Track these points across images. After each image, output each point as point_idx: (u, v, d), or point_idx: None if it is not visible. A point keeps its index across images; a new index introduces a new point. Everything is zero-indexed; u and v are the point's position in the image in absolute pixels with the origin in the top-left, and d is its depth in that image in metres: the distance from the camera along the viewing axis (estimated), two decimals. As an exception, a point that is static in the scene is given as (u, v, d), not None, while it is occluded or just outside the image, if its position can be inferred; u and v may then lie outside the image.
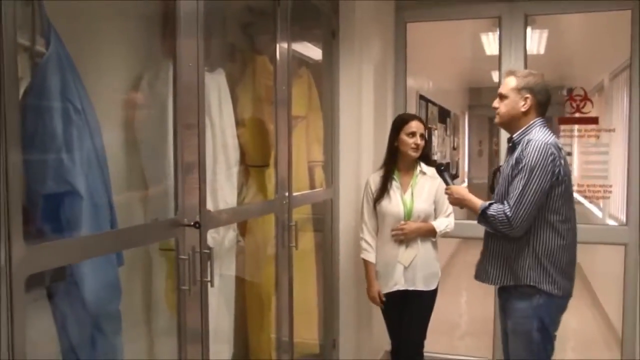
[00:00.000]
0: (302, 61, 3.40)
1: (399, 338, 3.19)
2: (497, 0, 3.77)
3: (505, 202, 2.41)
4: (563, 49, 6.02)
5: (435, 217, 3.10)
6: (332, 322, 3.59)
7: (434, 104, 5.80)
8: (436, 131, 6.06)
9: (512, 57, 3.76)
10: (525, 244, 2.45)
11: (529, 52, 5.83)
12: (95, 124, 1.79)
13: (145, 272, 2.29)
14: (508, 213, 2.38)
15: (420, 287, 3.05)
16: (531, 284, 2.44)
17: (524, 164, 2.37)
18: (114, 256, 1.84)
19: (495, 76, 6.01)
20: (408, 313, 3.10)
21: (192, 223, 1.93)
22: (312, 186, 3.44)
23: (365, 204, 3.18)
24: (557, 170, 2.37)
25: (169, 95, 2.00)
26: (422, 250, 3.05)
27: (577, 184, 3.82)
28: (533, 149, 2.36)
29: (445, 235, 3.11)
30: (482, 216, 2.47)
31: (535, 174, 2.34)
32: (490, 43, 5.23)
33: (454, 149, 7.49)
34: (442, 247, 3.25)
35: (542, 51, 5.94)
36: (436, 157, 6.06)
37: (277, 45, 2.68)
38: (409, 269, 3.03)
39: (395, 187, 3.07)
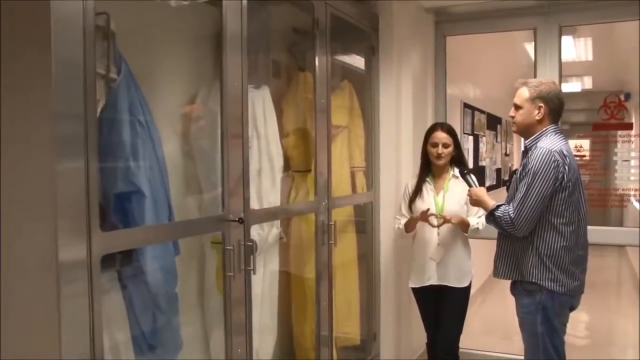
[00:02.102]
0: (344, 75, 3.70)
1: (434, 331, 3.42)
2: (533, 13, 3.94)
3: (511, 204, 2.63)
4: (614, 55, 6.07)
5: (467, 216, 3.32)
6: (373, 316, 3.86)
7: (481, 111, 5.96)
8: (484, 138, 6.21)
9: (547, 66, 3.92)
10: (529, 244, 2.64)
11: (576, 59, 5.96)
12: (156, 135, 2.16)
13: (200, 262, 2.65)
14: (511, 215, 2.59)
15: (452, 283, 3.28)
16: (533, 280, 2.63)
17: (528, 169, 2.57)
18: (172, 246, 2.21)
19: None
20: (443, 309, 3.34)
21: (236, 219, 2.26)
22: (353, 190, 3.73)
23: (402, 202, 3.45)
24: (560, 176, 2.54)
25: (219, 110, 2.35)
26: (452, 248, 3.28)
27: (612, 187, 3.93)
28: (537, 155, 2.56)
29: (477, 233, 3.30)
30: (491, 216, 2.70)
31: (538, 179, 2.53)
32: (535, 52, 5.38)
33: (507, 155, 7.58)
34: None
35: (590, 57, 6.03)
36: (485, 163, 6.22)
37: (316, 62, 3.00)
38: (440, 265, 3.26)
39: (429, 189, 3.32)
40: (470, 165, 5.75)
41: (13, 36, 1.53)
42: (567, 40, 4.85)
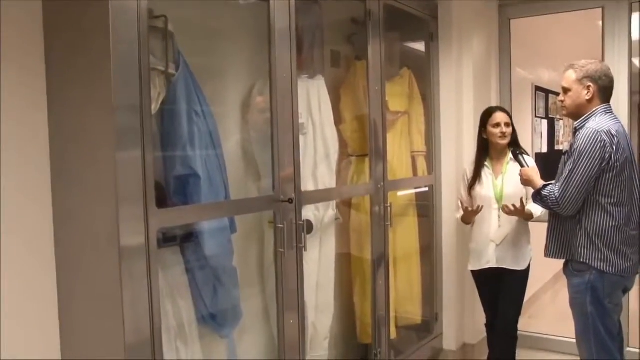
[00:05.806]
0: (404, 62, 3.80)
1: (493, 312, 3.48)
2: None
3: (557, 184, 2.64)
4: None
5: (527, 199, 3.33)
6: (435, 297, 3.95)
7: (557, 94, 5.81)
8: (562, 121, 6.06)
9: (615, 45, 3.82)
10: (578, 223, 2.66)
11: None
12: (212, 123, 2.39)
13: (260, 241, 2.87)
14: (557, 194, 2.62)
15: (511, 265, 3.32)
16: (583, 260, 2.65)
17: (574, 149, 2.59)
18: (228, 224, 2.44)
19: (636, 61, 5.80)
20: (502, 291, 3.39)
21: (286, 199, 2.46)
22: (414, 174, 3.83)
23: (462, 189, 3.52)
24: (607, 156, 2.53)
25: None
26: (513, 230, 3.32)
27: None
28: (583, 135, 2.56)
29: (540, 219, 3.31)
30: (538, 195, 2.73)
31: (583, 159, 2.54)
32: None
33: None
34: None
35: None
36: (561, 147, 6.07)
37: (369, 51, 3.13)
38: (500, 247, 3.31)
39: (488, 173, 3.37)
40: (545, 149, 5.67)
41: (75, 39, 1.79)
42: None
